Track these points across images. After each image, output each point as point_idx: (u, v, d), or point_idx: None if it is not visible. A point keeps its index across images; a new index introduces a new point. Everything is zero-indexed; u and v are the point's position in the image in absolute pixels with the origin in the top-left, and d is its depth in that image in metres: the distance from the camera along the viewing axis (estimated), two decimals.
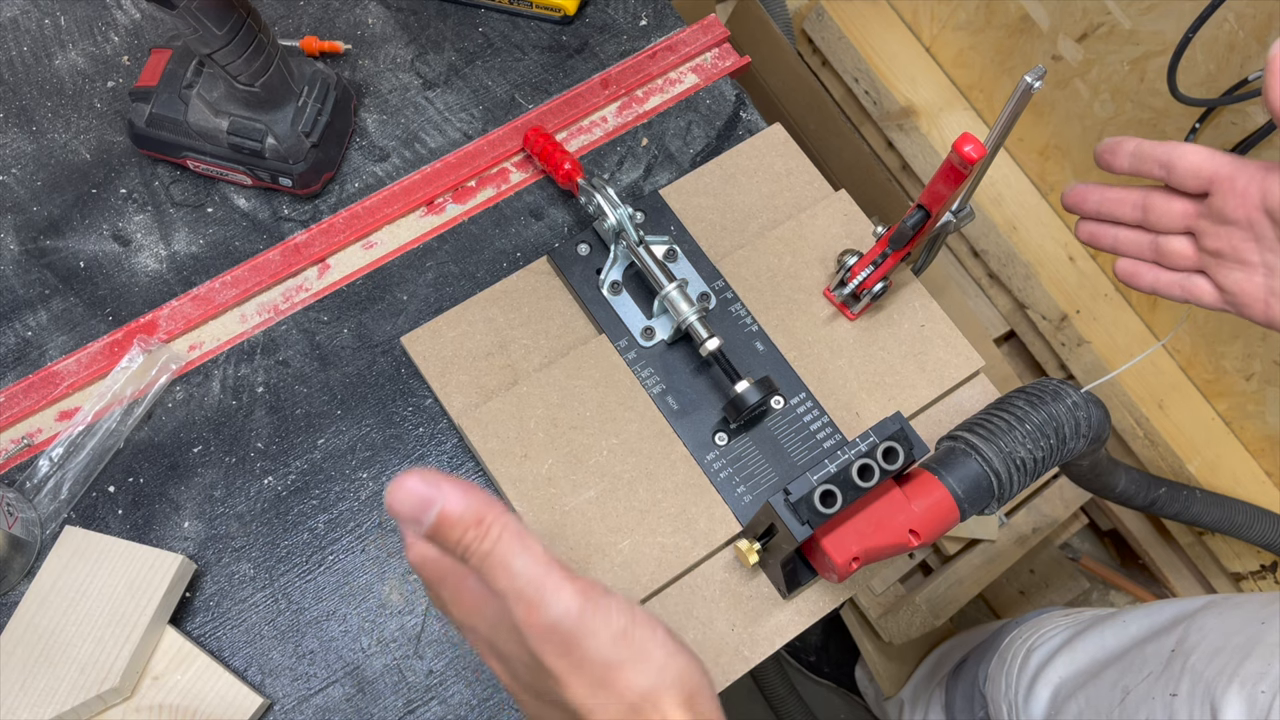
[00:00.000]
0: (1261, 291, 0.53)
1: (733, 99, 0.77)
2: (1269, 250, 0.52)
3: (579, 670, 0.35)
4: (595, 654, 0.35)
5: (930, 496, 0.54)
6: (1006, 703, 0.80)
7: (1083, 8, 0.91)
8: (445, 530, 0.35)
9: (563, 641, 0.35)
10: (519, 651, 0.36)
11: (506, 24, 0.78)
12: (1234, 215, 0.52)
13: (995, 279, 1.13)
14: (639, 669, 0.35)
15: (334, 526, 0.64)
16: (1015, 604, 1.26)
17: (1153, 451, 1.03)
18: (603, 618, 0.35)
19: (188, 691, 0.58)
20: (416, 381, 0.67)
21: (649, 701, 0.35)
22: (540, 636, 0.35)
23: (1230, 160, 0.52)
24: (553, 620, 0.34)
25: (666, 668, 0.35)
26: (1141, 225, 0.57)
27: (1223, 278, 0.54)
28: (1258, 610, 0.63)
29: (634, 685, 0.35)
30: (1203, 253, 0.54)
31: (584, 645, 0.35)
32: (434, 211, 0.72)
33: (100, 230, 0.70)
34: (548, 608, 0.34)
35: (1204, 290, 0.56)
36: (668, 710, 0.35)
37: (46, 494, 0.63)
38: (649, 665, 0.35)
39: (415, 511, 0.35)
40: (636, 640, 0.35)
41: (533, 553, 0.35)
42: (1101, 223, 0.59)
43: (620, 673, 0.35)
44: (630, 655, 0.35)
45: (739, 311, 0.67)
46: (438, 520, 0.35)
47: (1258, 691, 0.56)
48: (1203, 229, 0.54)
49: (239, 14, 0.59)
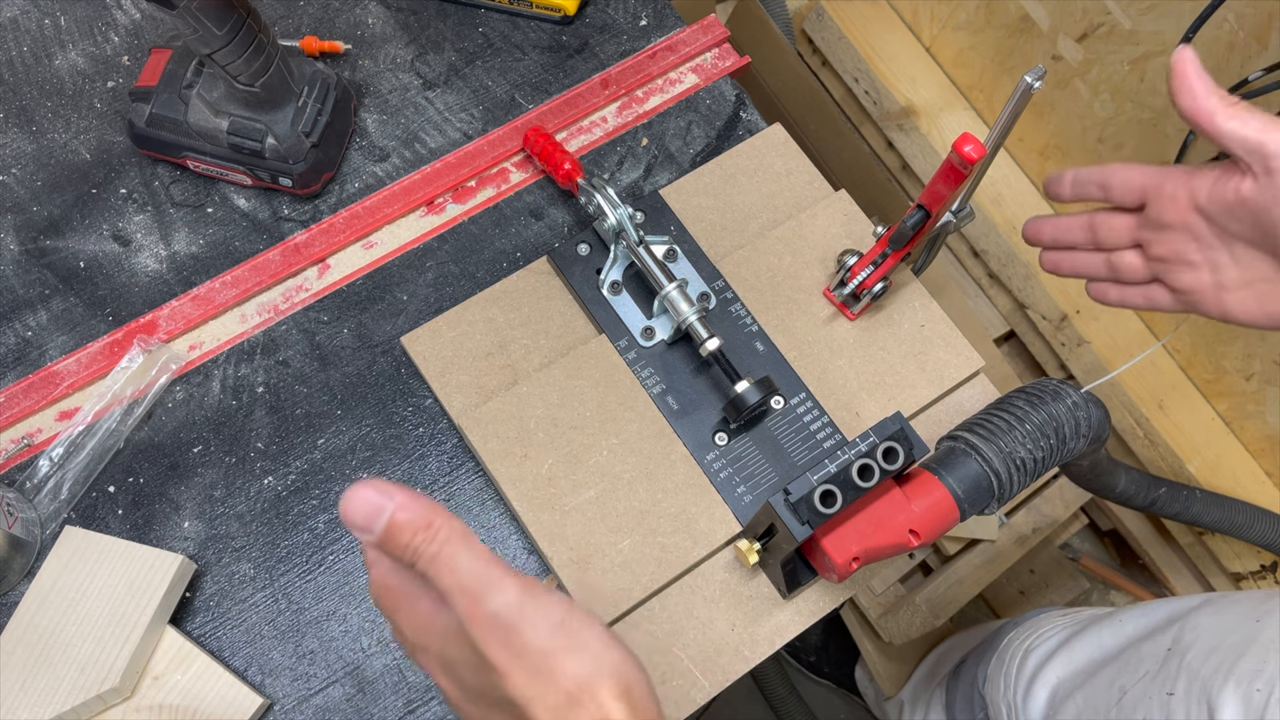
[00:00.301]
0: (1210, 287, 0.55)
1: (733, 99, 0.77)
2: (1208, 247, 0.54)
3: (519, 659, 0.36)
4: (534, 643, 0.36)
5: (930, 496, 0.54)
6: (1005, 703, 0.80)
7: (1083, 8, 0.91)
8: (395, 534, 0.37)
9: (504, 630, 0.36)
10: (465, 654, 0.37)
11: (506, 24, 0.78)
12: (1170, 220, 0.54)
13: (995, 279, 1.13)
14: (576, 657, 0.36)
15: (334, 526, 0.64)
16: (1015, 604, 1.26)
17: (1153, 451, 1.03)
18: (541, 608, 0.37)
19: (188, 691, 0.58)
20: (416, 381, 0.67)
21: (586, 690, 0.36)
22: (483, 628, 0.36)
23: (1158, 170, 0.55)
24: (494, 610, 0.36)
25: (603, 658, 0.37)
26: (1095, 246, 0.60)
27: (1174, 280, 0.57)
28: (1252, 608, 0.63)
29: (571, 673, 0.36)
30: (1151, 261, 0.57)
31: (524, 634, 0.36)
32: (434, 211, 0.72)
33: (100, 230, 0.70)
34: (490, 599, 0.36)
35: (1162, 296, 0.58)
36: (604, 699, 0.36)
37: (46, 494, 0.63)
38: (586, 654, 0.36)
39: (367, 519, 0.37)
40: (574, 631, 0.37)
41: (476, 551, 0.37)
42: (1060, 250, 0.63)
43: (558, 660, 0.36)
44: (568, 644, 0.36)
45: (739, 311, 0.67)
46: (388, 526, 0.37)
47: (1253, 689, 0.57)
48: (1147, 239, 0.57)
49: (239, 14, 0.59)
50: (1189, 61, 0.50)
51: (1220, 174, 0.52)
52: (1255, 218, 0.51)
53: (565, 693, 0.36)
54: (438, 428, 0.67)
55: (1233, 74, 0.80)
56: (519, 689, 0.36)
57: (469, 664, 0.37)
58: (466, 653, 0.37)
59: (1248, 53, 0.79)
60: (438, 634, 0.39)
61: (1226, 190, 0.51)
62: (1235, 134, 0.49)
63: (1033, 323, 1.10)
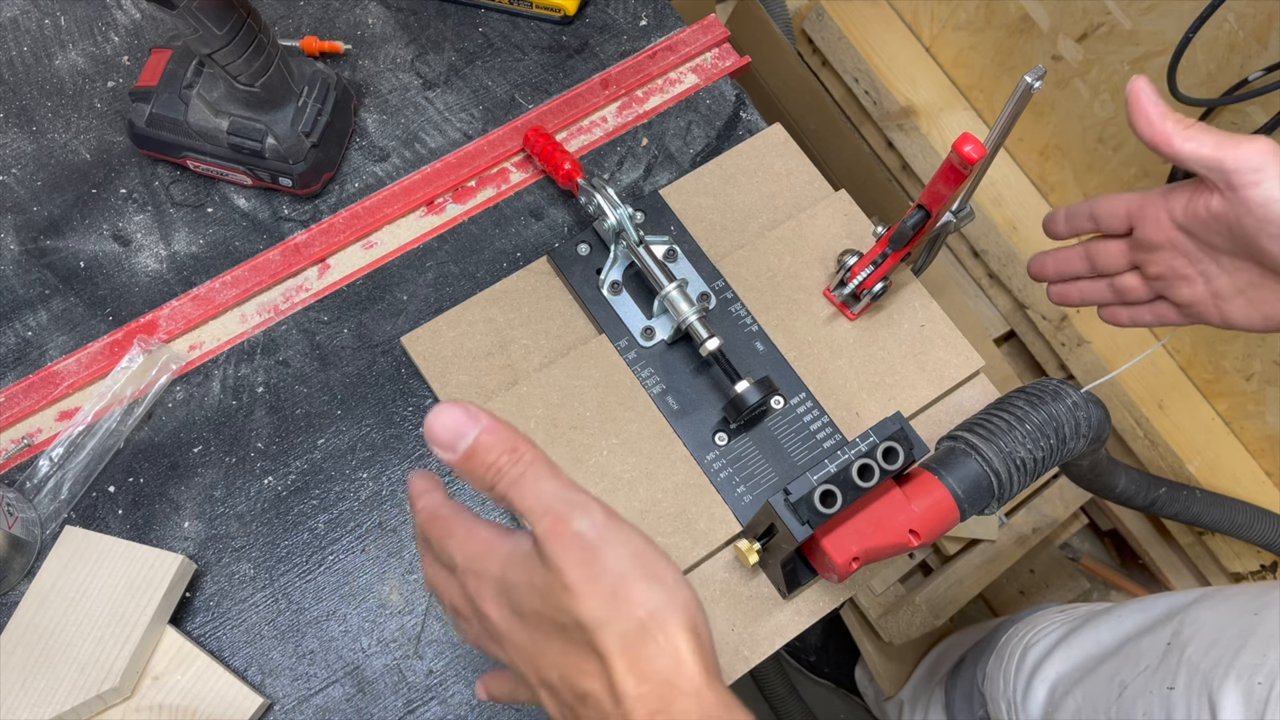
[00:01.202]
0: (1208, 297, 0.57)
1: (733, 99, 0.77)
2: (1197, 261, 0.56)
3: (595, 581, 0.36)
4: (613, 567, 0.36)
5: (930, 496, 0.54)
6: (1005, 701, 0.80)
7: (1083, 8, 0.91)
8: (481, 453, 0.37)
9: (585, 550, 0.36)
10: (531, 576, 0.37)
11: (506, 24, 0.78)
12: (1157, 240, 0.57)
13: (995, 279, 1.13)
14: (652, 587, 0.36)
15: (334, 526, 0.64)
16: (1015, 604, 1.26)
17: (1153, 451, 1.03)
18: (623, 535, 0.37)
19: (188, 691, 0.58)
20: (416, 381, 0.67)
21: (657, 621, 0.35)
22: (564, 545, 0.36)
23: (1139, 196, 0.57)
24: (579, 529, 0.36)
25: (676, 593, 0.37)
26: (1096, 273, 0.63)
27: (1175, 295, 0.59)
28: (1250, 601, 0.63)
29: (645, 602, 0.36)
30: (1150, 280, 0.59)
31: (604, 556, 0.36)
32: (434, 211, 0.72)
33: (100, 230, 0.70)
34: (575, 519, 0.36)
35: (1169, 312, 0.60)
36: (674, 632, 0.36)
37: (46, 494, 0.63)
38: (661, 586, 0.36)
39: (453, 437, 0.38)
40: (651, 562, 0.37)
41: (560, 477, 0.38)
42: (1066, 282, 0.65)
43: (634, 588, 0.36)
44: (645, 574, 0.36)
45: (739, 311, 0.67)
46: (475, 443, 0.37)
47: (1254, 683, 0.57)
48: (1141, 260, 0.59)
49: (239, 14, 0.59)
50: (1143, 90, 0.53)
51: (1192, 192, 0.54)
52: (1229, 230, 0.53)
53: (637, 620, 0.35)
54: None
55: (1233, 74, 0.80)
56: (591, 610, 0.35)
57: (534, 586, 0.37)
58: (534, 575, 0.37)
59: (1248, 53, 0.79)
60: (500, 557, 0.39)
61: (1199, 207, 0.54)
62: (1194, 154, 0.51)
63: (1033, 323, 1.10)
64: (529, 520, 0.37)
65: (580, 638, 0.36)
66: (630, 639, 0.35)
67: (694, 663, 0.35)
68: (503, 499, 0.38)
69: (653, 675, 0.35)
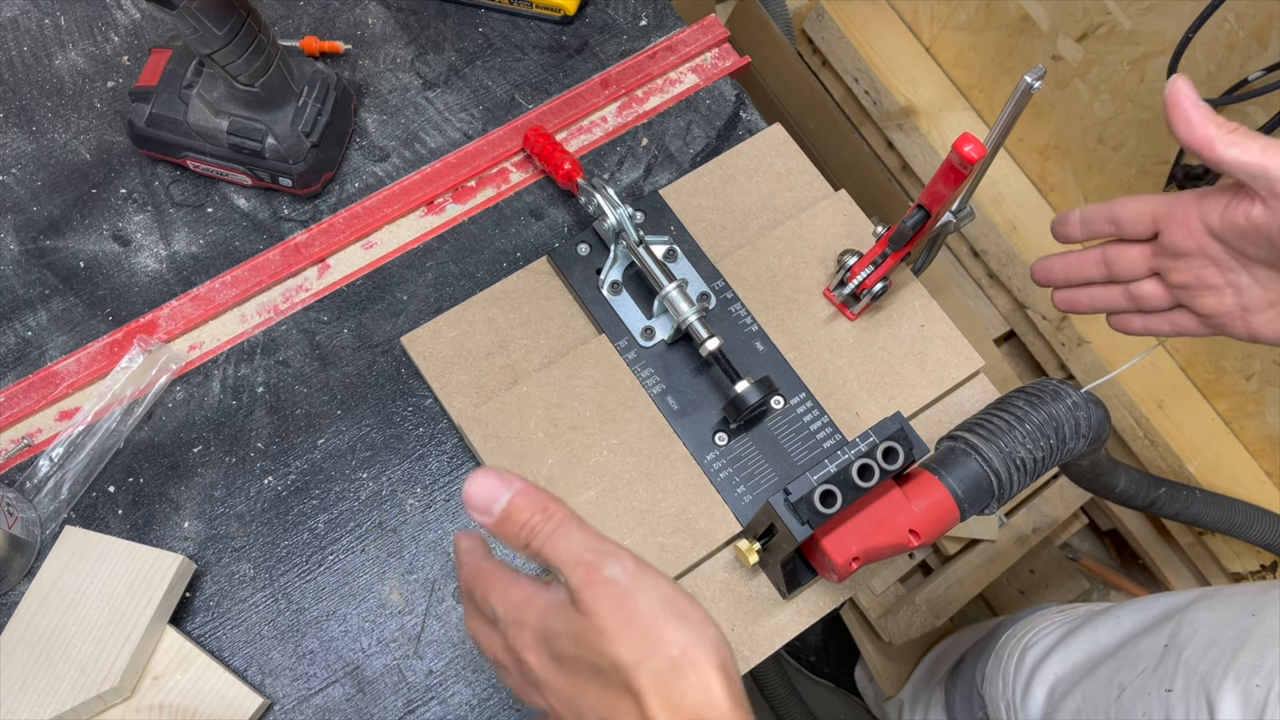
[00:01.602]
0: (1235, 309, 0.55)
1: (733, 99, 0.77)
2: (1228, 270, 0.54)
3: (629, 624, 0.37)
4: (645, 610, 0.38)
5: (930, 496, 0.54)
6: (1004, 702, 0.80)
7: (1083, 8, 0.91)
8: (515, 515, 0.40)
9: (618, 596, 0.38)
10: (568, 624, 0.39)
11: (506, 24, 0.78)
12: (1185, 247, 0.54)
13: (995, 279, 1.13)
14: (683, 628, 0.38)
15: (334, 526, 0.64)
16: (1015, 604, 1.26)
17: (1153, 451, 1.03)
18: (652, 580, 0.39)
19: (188, 691, 0.58)
20: (416, 381, 0.67)
21: (689, 659, 0.37)
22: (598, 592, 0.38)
23: (1167, 198, 0.55)
24: (611, 576, 0.38)
25: (705, 632, 0.38)
26: (1111, 280, 0.60)
27: (1198, 305, 0.56)
28: (1247, 602, 0.63)
29: (677, 642, 0.37)
30: (1172, 288, 0.57)
31: (635, 600, 0.38)
32: (434, 211, 0.72)
33: (100, 230, 0.70)
34: (607, 567, 0.39)
35: (1188, 321, 0.58)
36: (705, 669, 0.37)
37: (46, 494, 0.63)
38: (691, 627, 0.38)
39: (488, 502, 0.41)
40: (680, 604, 0.39)
41: (589, 530, 0.40)
42: (1075, 288, 0.62)
43: (666, 629, 0.37)
44: (675, 615, 0.38)
45: (739, 311, 0.67)
46: (509, 506, 0.40)
47: (1252, 685, 0.57)
48: (1164, 267, 0.56)
49: (239, 14, 0.59)
50: (1183, 92, 0.50)
51: (1230, 198, 0.51)
52: (1270, 241, 0.50)
53: (670, 659, 0.37)
54: (438, 428, 0.67)
55: (1233, 74, 0.80)
56: (626, 651, 0.37)
57: (571, 633, 0.39)
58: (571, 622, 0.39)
59: (1248, 53, 0.79)
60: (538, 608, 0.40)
61: (1237, 215, 0.51)
62: (1237, 161, 0.49)
63: (1033, 323, 1.10)
64: (563, 572, 0.39)
65: (616, 679, 0.37)
66: (663, 676, 0.37)
67: (725, 698, 0.37)
68: (537, 555, 0.40)
69: (685, 710, 0.36)
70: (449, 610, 0.63)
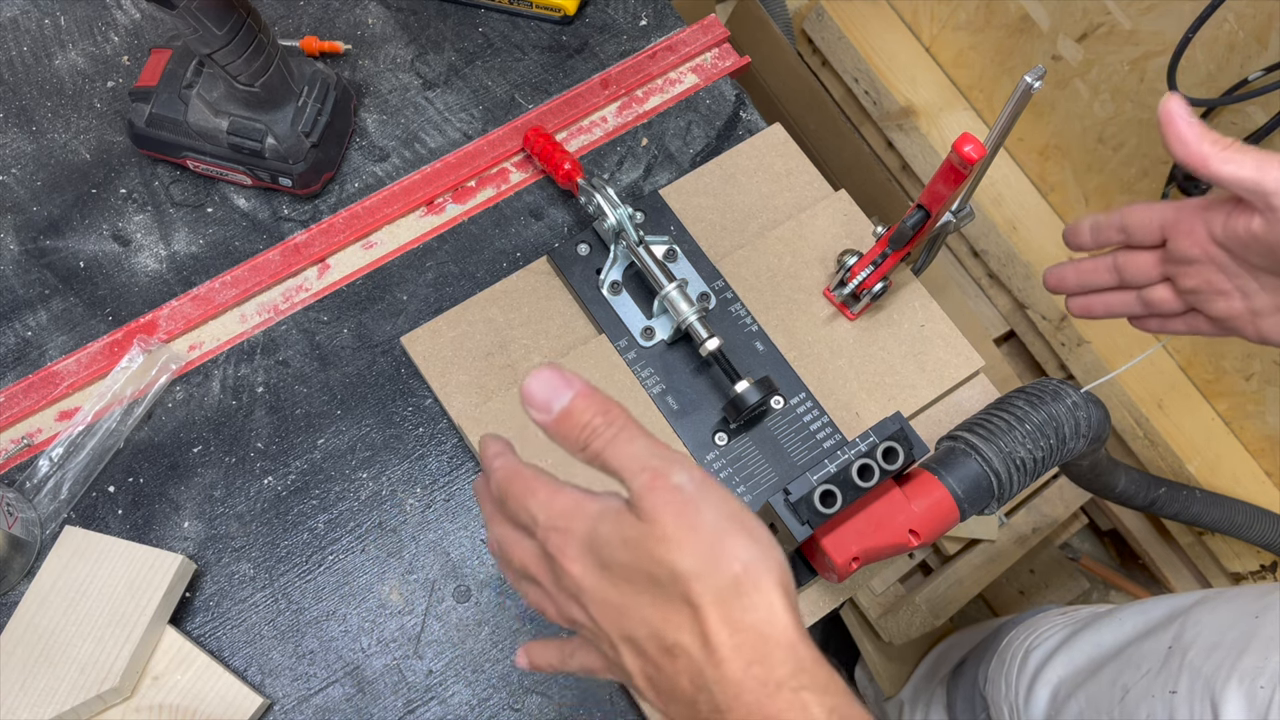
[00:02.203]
0: (1245, 313, 0.55)
1: (733, 99, 0.77)
2: (1236, 276, 0.54)
3: (693, 533, 0.36)
4: (710, 519, 0.36)
5: (930, 496, 0.54)
6: (1007, 704, 0.80)
7: (1083, 8, 0.91)
8: (576, 414, 0.38)
9: (683, 502, 0.36)
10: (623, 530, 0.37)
11: (506, 24, 0.78)
12: (1193, 254, 0.55)
13: (995, 279, 1.13)
14: (748, 543, 0.36)
15: (334, 526, 0.64)
16: (1015, 604, 1.26)
17: (1153, 451, 1.03)
18: (720, 493, 0.37)
19: (188, 691, 0.58)
20: (416, 381, 0.67)
21: (751, 575, 0.36)
22: (663, 498, 0.36)
23: (1174, 206, 0.55)
24: (678, 483, 0.37)
25: (770, 551, 0.37)
26: (1122, 285, 0.61)
27: (1209, 309, 0.57)
28: (1250, 604, 0.63)
29: (741, 557, 0.36)
30: (1184, 293, 0.58)
31: (701, 510, 0.36)
32: (434, 211, 0.72)
33: (100, 230, 0.70)
34: (674, 473, 0.37)
35: (1203, 323, 0.59)
36: (768, 587, 0.36)
37: (46, 494, 0.63)
38: (756, 543, 0.37)
39: (548, 399, 0.39)
40: (747, 520, 0.37)
41: (653, 438, 0.38)
42: (1088, 295, 0.63)
43: (730, 542, 0.36)
44: (740, 529, 0.36)
45: (739, 311, 0.67)
46: (570, 405, 0.38)
47: (1257, 687, 0.57)
48: (1175, 272, 0.57)
49: (239, 14, 0.59)
50: (1176, 111, 0.51)
51: (1231, 210, 0.52)
52: (1270, 251, 0.51)
53: (732, 575, 0.35)
54: (438, 428, 0.67)
55: (1233, 74, 0.80)
56: (687, 561, 0.35)
57: (626, 540, 0.37)
58: (627, 528, 0.37)
59: (1248, 53, 0.79)
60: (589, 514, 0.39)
61: (1238, 226, 0.52)
62: (1234, 177, 0.50)
63: (1033, 323, 1.10)
64: (623, 476, 0.38)
65: (673, 589, 0.36)
66: (725, 592, 0.35)
67: (788, 617, 0.36)
68: (596, 457, 0.38)
69: (747, 627, 0.35)
70: (449, 610, 0.63)
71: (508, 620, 0.63)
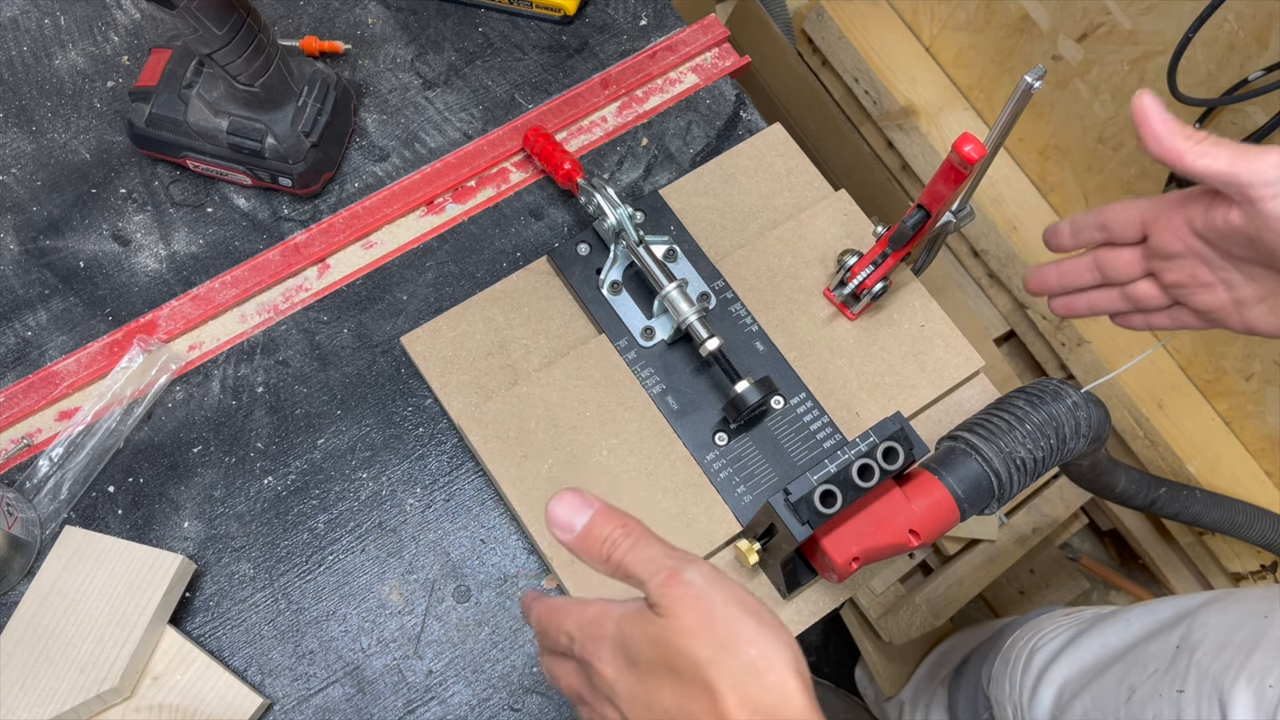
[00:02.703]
0: (1230, 304, 0.56)
1: (733, 99, 0.77)
2: (1218, 268, 0.55)
3: (709, 625, 0.38)
4: (723, 610, 0.39)
5: (930, 496, 0.54)
6: (1011, 704, 0.80)
7: (1083, 8, 0.91)
8: (596, 530, 0.42)
9: (697, 596, 0.39)
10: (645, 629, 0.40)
11: (506, 24, 0.78)
12: (1174, 248, 0.55)
13: (995, 279, 1.13)
14: (760, 629, 0.38)
15: (334, 526, 0.64)
16: (1015, 604, 1.26)
17: (1153, 451, 1.03)
18: (729, 586, 0.40)
19: (188, 691, 0.58)
20: (416, 381, 0.67)
21: (765, 659, 0.37)
22: (678, 594, 0.39)
23: (1152, 202, 0.56)
24: (690, 579, 0.39)
25: (781, 635, 0.39)
26: (1105, 283, 0.61)
27: (1193, 302, 0.57)
28: (1258, 604, 0.63)
29: (755, 641, 0.38)
30: (1167, 287, 0.58)
31: (714, 601, 0.39)
32: (434, 211, 0.72)
33: (100, 230, 0.70)
34: (686, 571, 0.40)
35: (1186, 317, 0.59)
36: (782, 670, 0.37)
37: (46, 494, 0.63)
38: (768, 629, 0.39)
39: (571, 517, 0.43)
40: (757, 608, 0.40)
41: (665, 543, 0.42)
42: (1071, 294, 0.63)
43: (743, 629, 0.38)
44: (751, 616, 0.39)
45: (739, 311, 0.67)
46: (590, 522, 0.42)
47: (1265, 686, 0.57)
48: (1157, 267, 0.58)
49: (239, 14, 0.59)
50: (1149, 109, 0.51)
51: (1209, 202, 0.53)
52: (1251, 242, 0.52)
53: (748, 660, 0.37)
54: (438, 428, 0.67)
55: (1233, 74, 0.80)
56: (704, 649, 0.37)
57: (649, 636, 0.39)
58: (649, 625, 0.39)
59: (1248, 53, 0.79)
60: (614, 618, 0.41)
61: (1217, 219, 0.52)
62: (1209, 170, 0.50)
63: (1033, 323, 1.10)
64: (642, 579, 0.41)
65: (693, 677, 0.38)
66: (741, 676, 0.37)
67: (802, 699, 0.37)
68: (619, 568, 0.42)
69: (763, 709, 0.37)
70: (449, 610, 0.63)
71: (508, 620, 0.63)
